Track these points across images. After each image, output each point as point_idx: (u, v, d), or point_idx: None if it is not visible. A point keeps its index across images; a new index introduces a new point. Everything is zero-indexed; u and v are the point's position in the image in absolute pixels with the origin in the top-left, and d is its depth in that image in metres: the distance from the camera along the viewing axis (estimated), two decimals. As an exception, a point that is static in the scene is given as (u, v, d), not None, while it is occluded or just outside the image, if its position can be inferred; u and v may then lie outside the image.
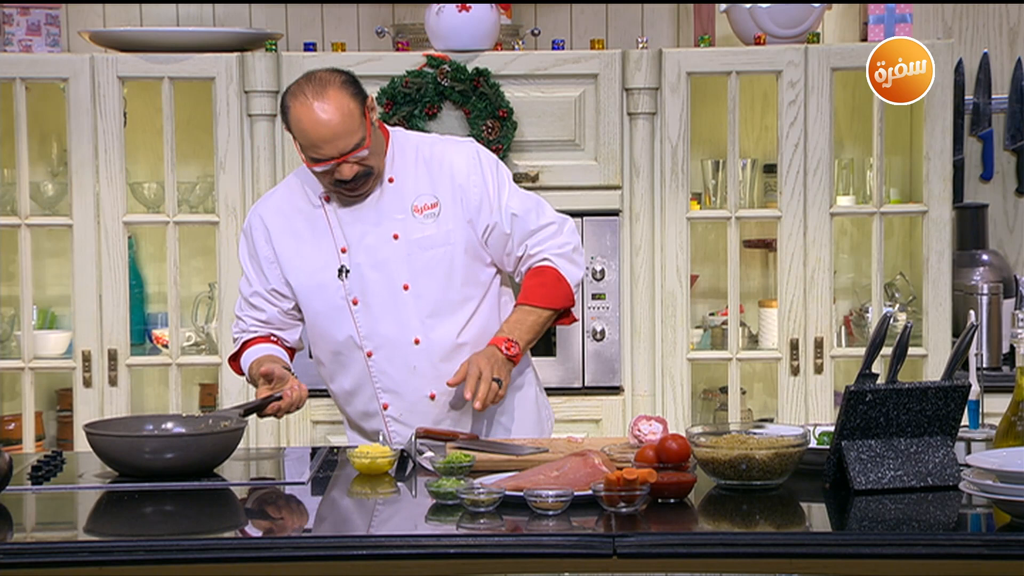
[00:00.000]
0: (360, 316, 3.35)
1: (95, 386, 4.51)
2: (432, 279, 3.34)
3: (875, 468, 2.81)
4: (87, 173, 4.47)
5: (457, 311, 3.36)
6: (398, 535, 2.63)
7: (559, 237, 3.39)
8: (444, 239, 3.33)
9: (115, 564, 2.54)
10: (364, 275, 3.33)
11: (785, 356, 4.52)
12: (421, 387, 3.36)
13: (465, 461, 2.96)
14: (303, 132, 3.22)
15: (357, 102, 3.23)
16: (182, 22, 4.84)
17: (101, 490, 2.97)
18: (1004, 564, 2.51)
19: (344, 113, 3.20)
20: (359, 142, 3.22)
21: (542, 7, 4.83)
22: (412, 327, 3.34)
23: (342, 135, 3.20)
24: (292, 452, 3.56)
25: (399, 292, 3.33)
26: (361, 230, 3.34)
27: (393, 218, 3.33)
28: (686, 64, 4.46)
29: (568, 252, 3.38)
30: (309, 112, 3.20)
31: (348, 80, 3.26)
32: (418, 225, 3.33)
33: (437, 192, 3.34)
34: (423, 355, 3.35)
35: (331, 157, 3.22)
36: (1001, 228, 4.91)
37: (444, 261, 3.34)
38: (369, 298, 3.34)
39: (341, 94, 3.21)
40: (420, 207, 3.34)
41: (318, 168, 3.25)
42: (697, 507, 2.76)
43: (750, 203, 4.65)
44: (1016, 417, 2.84)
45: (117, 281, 4.50)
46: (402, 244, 3.33)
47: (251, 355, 3.44)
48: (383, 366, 3.36)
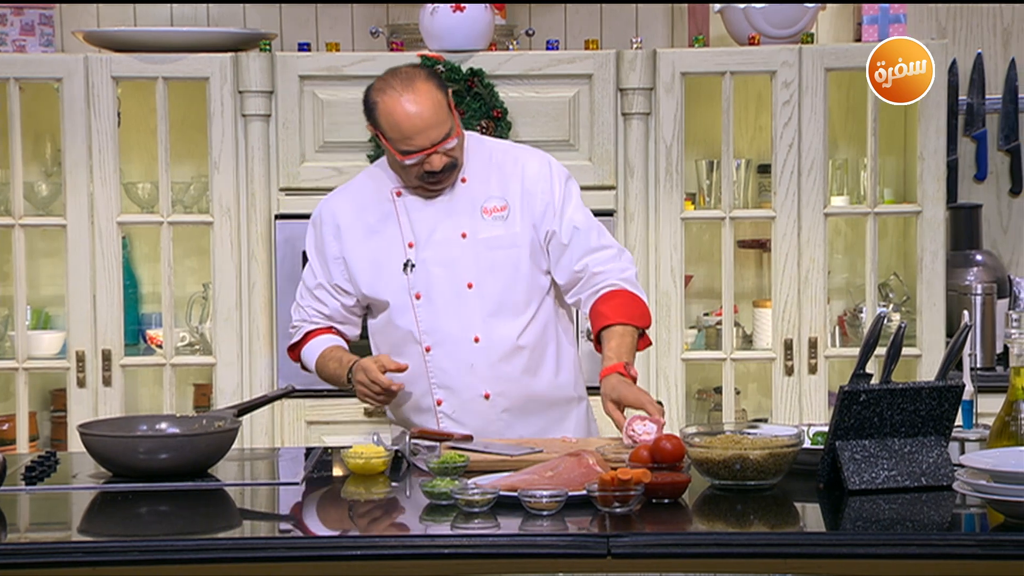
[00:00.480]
0: (422, 311, 3.38)
1: (89, 386, 4.50)
2: (496, 279, 3.37)
3: (869, 468, 2.81)
4: (81, 173, 4.47)
5: (518, 313, 3.39)
6: (392, 535, 2.63)
7: (620, 262, 3.42)
8: (511, 241, 3.38)
9: (109, 564, 2.54)
10: (429, 271, 3.37)
11: (779, 356, 4.53)
12: (477, 386, 3.38)
13: (459, 461, 2.96)
14: (395, 125, 3.27)
15: (443, 93, 3.30)
16: (176, 22, 4.84)
17: (95, 490, 2.96)
18: (998, 564, 2.51)
19: (434, 103, 3.26)
20: (449, 131, 3.29)
21: (536, 7, 4.83)
22: (473, 325, 3.37)
23: (434, 125, 3.26)
24: (286, 452, 3.55)
25: (463, 290, 3.37)
26: (430, 226, 3.39)
27: (463, 217, 3.38)
28: (680, 64, 4.47)
29: (632, 278, 3.41)
30: (400, 104, 3.25)
31: (432, 73, 3.34)
32: (486, 226, 3.38)
33: (507, 196, 3.40)
34: (482, 354, 3.37)
35: (423, 148, 3.27)
36: (995, 228, 4.92)
37: (509, 262, 3.38)
38: (433, 293, 3.37)
39: (429, 85, 3.28)
40: (490, 209, 3.39)
41: (409, 160, 3.30)
42: (691, 507, 2.76)
43: (744, 203, 4.65)
44: (1010, 417, 2.84)
45: (111, 281, 4.49)
46: (470, 243, 3.37)
47: (317, 346, 3.48)
48: (441, 362, 3.38)
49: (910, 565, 2.53)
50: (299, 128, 4.47)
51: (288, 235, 4.48)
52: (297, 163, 4.49)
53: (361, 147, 4.47)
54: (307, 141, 4.48)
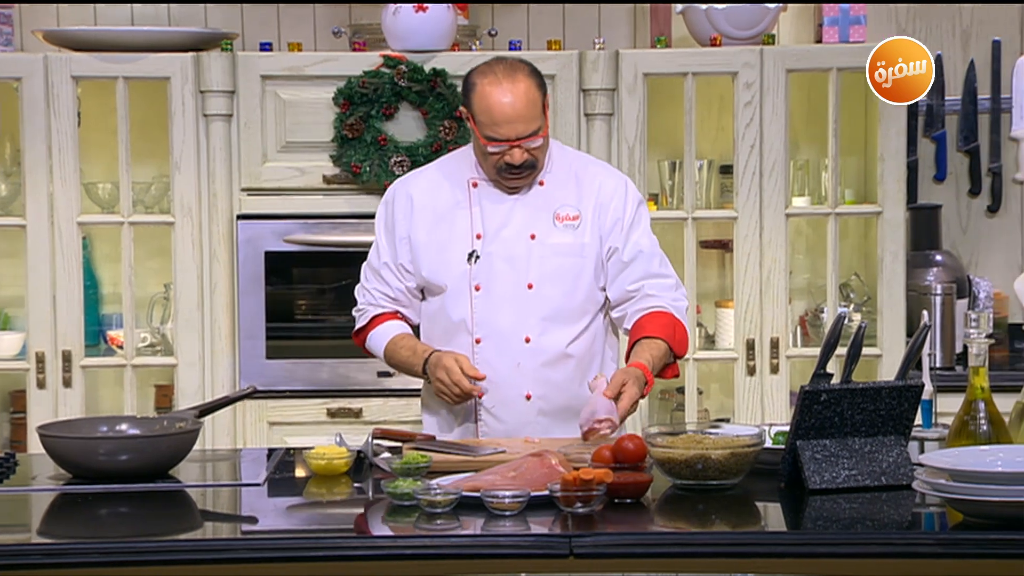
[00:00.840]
0: (479, 302, 3.39)
1: (49, 387, 4.47)
2: (557, 284, 3.40)
3: (830, 468, 2.82)
4: (41, 173, 4.44)
5: (572, 321, 3.42)
6: (355, 536, 2.63)
7: (675, 292, 3.45)
8: (578, 251, 3.42)
9: (69, 567, 2.52)
10: (493, 265, 3.40)
11: (741, 356, 4.54)
12: (521, 385, 3.40)
13: (422, 462, 2.96)
14: (487, 109, 3.31)
15: (540, 94, 3.35)
16: (136, 22, 4.81)
17: (55, 492, 2.95)
18: (957, 563, 2.53)
19: (529, 99, 3.30)
20: (536, 130, 3.32)
21: (499, 7, 4.83)
22: (527, 325, 3.39)
23: (523, 119, 3.30)
24: (248, 453, 3.54)
25: (523, 289, 3.40)
26: (501, 222, 3.42)
27: (535, 219, 3.42)
28: (643, 65, 4.48)
29: (683, 308, 3.44)
30: (498, 91, 3.30)
31: (535, 72, 3.37)
32: (557, 232, 3.42)
33: (581, 206, 3.43)
34: (530, 355, 3.39)
35: (507, 138, 3.31)
36: (954, 229, 4.95)
37: (572, 271, 3.41)
38: (492, 287, 3.39)
39: (529, 82, 3.33)
40: (563, 216, 3.43)
41: (492, 148, 3.33)
42: (653, 507, 2.77)
43: (707, 204, 4.67)
44: (968, 417, 2.86)
45: (71, 282, 4.47)
46: (537, 245, 3.41)
47: (386, 332, 3.46)
48: (489, 355, 3.40)
49: (870, 564, 2.55)
50: (261, 128, 4.46)
51: (250, 235, 4.46)
52: (259, 163, 4.47)
53: (323, 147, 4.46)
54: (269, 141, 4.47)
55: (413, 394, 4.50)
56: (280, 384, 4.51)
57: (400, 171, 4.39)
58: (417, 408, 4.47)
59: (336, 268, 4.55)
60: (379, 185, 4.42)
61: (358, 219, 4.47)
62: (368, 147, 4.41)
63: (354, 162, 4.41)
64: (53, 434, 3.05)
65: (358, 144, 4.42)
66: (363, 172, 4.41)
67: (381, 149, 4.42)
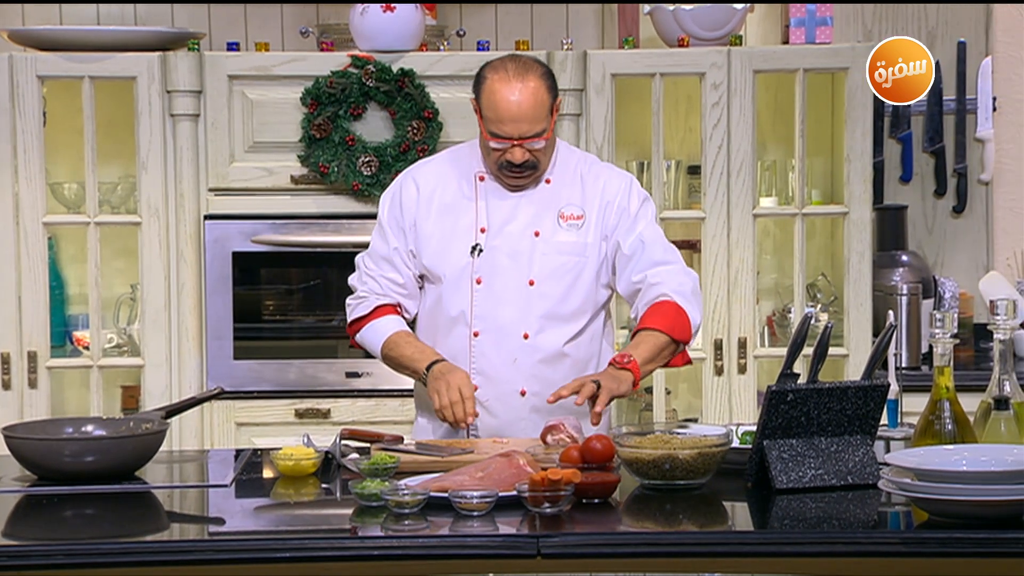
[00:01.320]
0: (479, 296, 3.40)
1: (14, 388, 4.45)
2: (558, 283, 3.41)
3: (796, 467, 2.84)
4: (6, 173, 4.41)
5: (571, 320, 3.43)
6: (322, 537, 2.63)
7: (681, 277, 3.44)
8: (581, 250, 3.43)
9: (33, 568, 2.51)
10: (496, 259, 3.40)
11: (709, 356, 4.56)
12: (516, 381, 3.40)
13: (390, 463, 2.96)
14: (493, 104, 3.32)
15: (550, 96, 3.36)
16: (103, 21, 4.79)
17: (19, 494, 2.93)
18: (922, 562, 2.54)
19: (536, 100, 3.32)
20: (540, 132, 3.34)
21: (467, 8, 4.83)
22: (527, 321, 3.40)
23: (528, 119, 3.31)
24: (215, 454, 3.53)
25: (524, 285, 3.41)
26: (506, 217, 3.43)
27: (540, 216, 3.43)
28: (611, 66, 4.48)
29: (687, 292, 3.42)
30: (506, 87, 3.32)
31: (548, 73, 3.39)
32: (561, 231, 3.43)
33: (586, 206, 3.45)
34: (528, 351, 3.40)
35: (510, 136, 3.33)
36: (920, 229, 4.98)
37: (574, 270, 3.42)
38: (494, 282, 3.40)
39: (540, 83, 3.34)
40: (567, 215, 3.44)
41: (494, 143, 3.35)
42: (621, 507, 2.78)
43: (675, 204, 4.68)
44: (934, 416, 2.88)
45: (37, 282, 4.44)
46: (540, 242, 3.42)
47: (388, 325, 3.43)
48: (486, 349, 3.40)
49: (836, 563, 2.56)
50: (228, 128, 4.44)
51: (217, 235, 4.45)
52: (226, 163, 4.46)
53: (291, 147, 4.45)
54: (236, 141, 4.46)
55: (382, 394, 4.50)
56: (248, 385, 4.49)
57: (368, 171, 4.39)
58: (384, 409, 4.48)
59: (304, 268, 4.54)
60: (347, 185, 4.41)
61: (326, 219, 4.46)
62: (336, 147, 4.40)
63: (322, 162, 4.40)
64: (18, 435, 3.03)
65: (326, 144, 4.41)
66: (331, 172, 4.40)
67: (349, 149, 4.41)
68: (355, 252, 3.60)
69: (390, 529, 2.62)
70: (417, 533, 2.60)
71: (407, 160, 4.25)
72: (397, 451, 3.12)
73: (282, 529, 2.78)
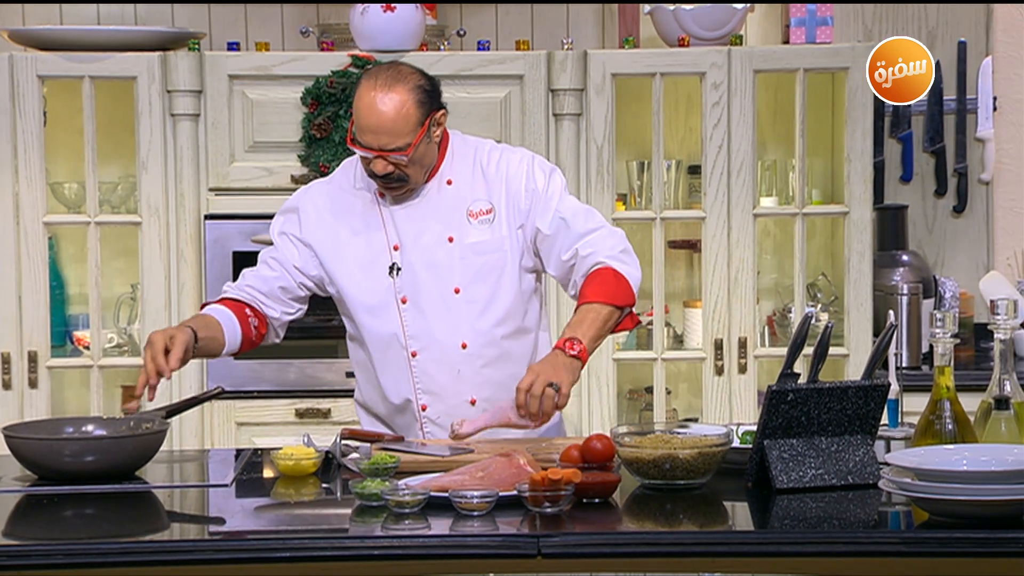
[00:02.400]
0: (408, 315, 3.32)
1: (15, 388, 4.45)
2: (483, 284, 3.32)
3: (796, 467, 2.83)
4: (6, 173, 4.41)
5: (505, 319, 3.34)
6: (322, 537, 2.62)
7: (609, 240, 3.32)
8: (497, 245, 3.32)
9: (33, 568, 2.51)
10: (416, 274, 3.31)
11: (709, 356, 4.56)
12: (463, 391, 3.33)
13: (390, 462, 2.96)
14: (357, 111, 3.23)
15: (420, 111, 3.21)
16: (103, 21, 4.79)
17: (20, 494, 2.93)
18: (922, 562, 2.54)
19: (400, 115, 3.19)
20: (401, 147, 3.21)
21: (467, 8, 4.83)
22: (461, 331, 3.32)
23: (387, 132, 3.19)
24: (216, 454, 3.53)
25: (450, 295, 3.31)
26: (416, 229, 3.32)
27: (449, 220, 3.32)
28: (611, 65, 4.48)
29: (619, 255, 3.31)
30: (370, 97, 3.20)
31: (422, 87, 3.24)
32: (473, 230, 3.32)
33: (492, 198, 3.34)
34: (469, 360, 3.32)
35: (370, 147, 3.22)
36: (920, 229, 4.98)
37: (496, 267, 3.33)
38: (419, 298, 3.31)
39: (408, 96, 3.20)
40: (475, 212, 3.33)
41: (358, 151, 3.25)
42: (621, 507, 2.78)
43: (675, 204, 4.68)
44: (934, 416, 2.87)
45: (37, 282, 4.44)
46: (456, 247, 3.32)
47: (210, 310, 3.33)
48: (427, 367, 3.33)
49: (837, 563, 2.56)
50: (228, 128, 4.44)
51: (217, 235, 4.45)
52: (226, 163, 4.46)
53: (291, 147, 4.45)
54: (236, 141, 4.46)
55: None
56: (248, 384, 4.49)
57: (368, 171, 4.39)
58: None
59: (304, 268, 4.54)
60: (347, 185, 4.41)
61: (326, 219, 4.46)
62: (336, 147, 4.40)
63: (322, 162, 4.40)
64: (18, 435, 3.03)
65: (326, 144, 4.41)
66: (331, 172, 4.39)
67: (349, 149, 4.40)
68: (355, 252, 3.60)
69: (390, 529, 2.62)
70: (417, 533, 2.60)
71: (407, 160, 4.25)
72: (398, 451, 3.12)
73: (282, 529, 2.78)
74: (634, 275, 3.31)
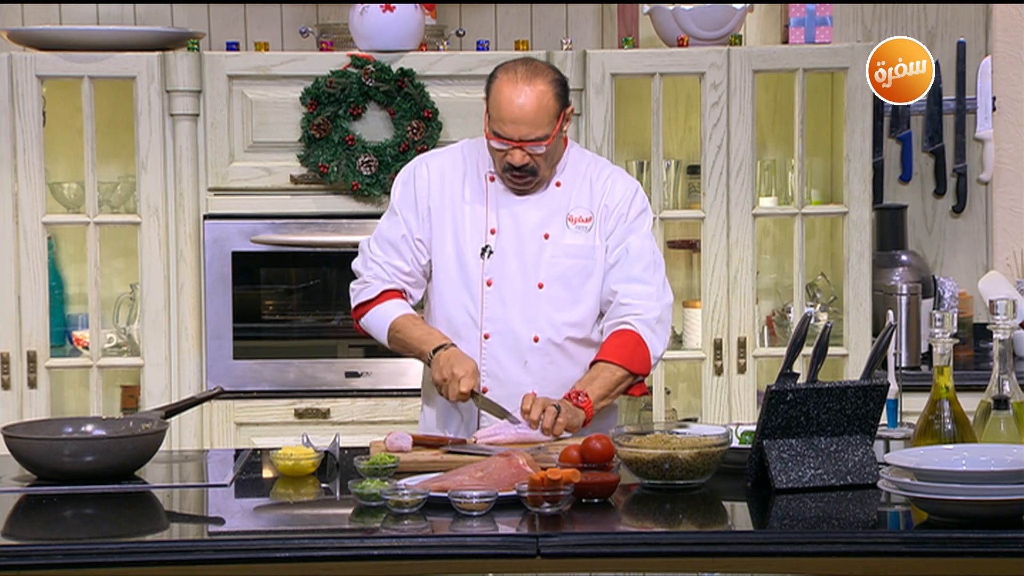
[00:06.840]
0: (489, 298, 3.41)
1: (14, 388, 4.45)
2: (567, 286, 3.42)
3: (796, 467, 2.84)
4: (5, 173, 4.41)
5: (579, 323, 3.44)
6: (321, 537, 2.63)
7: (650, 302, 3.42)
8: (589, 253, 3.44)
9: (33, 568, 2.51)
10: (505, 261, 3.41)
11: (709, 356, 4.56)
12: (525, 382, 3.40)
13: (389, 462, 2.96)
14: (497, 104, 3.33)
15: (557, 104, 3.35)
16: (102, 21, 4.79)
17: (19, 493, 2.93)
18: (921, 562, 2.54)
19: (541, 106, 3.32)
20: (541, 137, 3.34)
21: (467, 8, 4.83)
22: (537, 324, 3.41)
23: (529, 123, 3.32)
24: (215, 454, 3.53)
25: (533, 288, 3.41)
26: (517, 219, 3.43)
27: (550, 219, 3.44)
28: (610, 65, 4.48)
29: (651, 321, 3.41)
30: (512, 89, 3.32)
31: (559, 80, 3.38)
32: (570, 233, 3.44)
33: (593, 208, 3.46)
34: (538, 354, 3.41)
35: (510, 137, 3.33)
36: (920, 229, 4.98)
37: (582, 273, 3.43)
38: (503, 284, 3.41)
39: (548, 89, 3.34)
40: (575, 217, 3.45)
41: (495, 143, 3.35)
42: (621, 507, 2.78)
43: (674, 204, 4.68)
44: (933, 416, 2.88)
45: (36, 282, 4.44)
46: (550, 245, 3.43)
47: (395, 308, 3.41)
48: (497, 352, 3.41)
49: (836, 563, 2.56)
50: (228, 128, 4.44)
51: (217, 235, 4.45)
52: (226, 163, 4.46)
53: (290, 147, 4.45)
54: (236, 141, 4.46)
55: (382, 394, 4.50)
56: (247, 385, 4.49)
57: (368, 171, 4.39)
58: (384, 409, 4.48)
59: (303, 268, 4.54)
60: (346, 185, 4.41)
61: (325, 219, 4.46)
62: (336, 147, 4.40)
63: (321, 162, 4.41)
64: (17, 435, 3.03)
65: (325, 144, 4.41)
66: (330, 172, 4.40)
67: (349, 149, 4.41)
68: (355, 252, 3.60)
69: (390, 529, 2.62)
70: (417, 533, 2.60)
71: (406, 160, 4.23)
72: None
73: (282, 529, 2.78)
74: (657, 348, 3.42)
